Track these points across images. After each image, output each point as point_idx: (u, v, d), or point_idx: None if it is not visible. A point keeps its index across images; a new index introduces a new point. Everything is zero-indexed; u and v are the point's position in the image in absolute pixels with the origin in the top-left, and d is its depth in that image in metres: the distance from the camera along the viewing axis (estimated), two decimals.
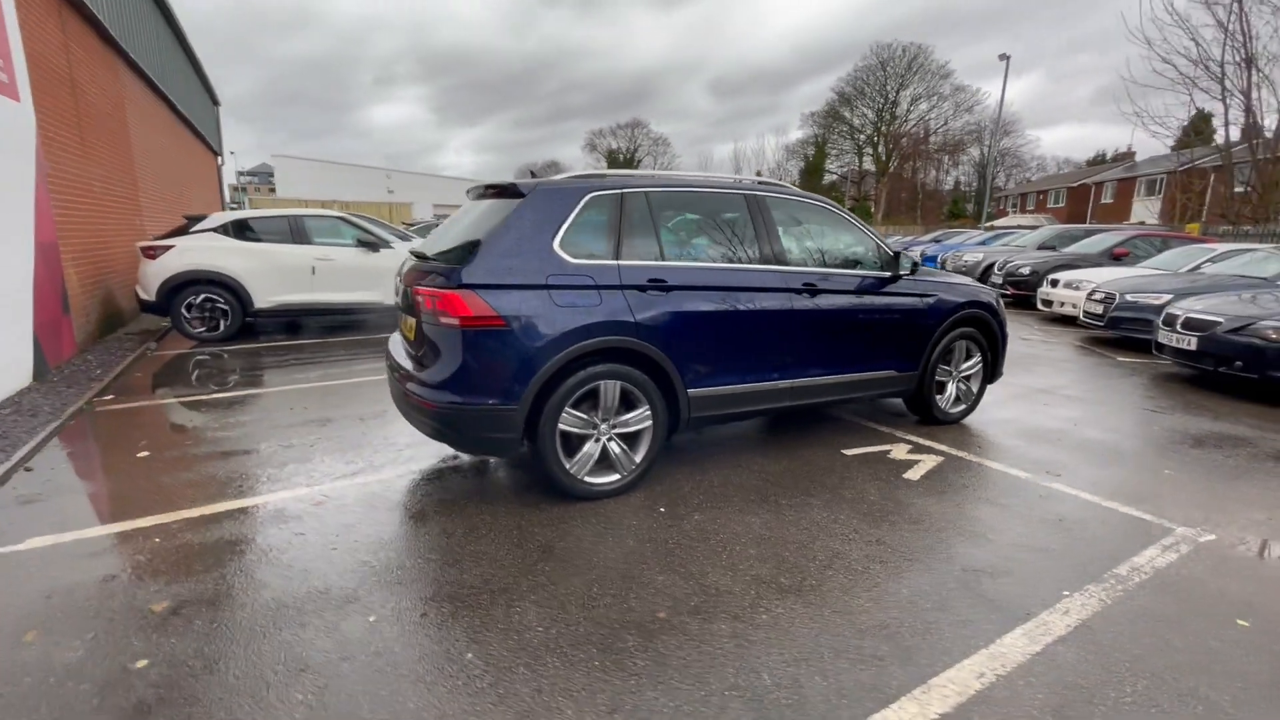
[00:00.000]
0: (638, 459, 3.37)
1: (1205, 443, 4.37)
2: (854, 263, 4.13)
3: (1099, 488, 3.54)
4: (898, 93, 50.15)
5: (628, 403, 3.31)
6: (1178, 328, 5.99)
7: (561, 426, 3.14)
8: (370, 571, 2.61)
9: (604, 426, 3.28)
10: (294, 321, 8.84)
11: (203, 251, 7.50)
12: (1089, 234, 13.31)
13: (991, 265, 13.77)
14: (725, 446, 4.15)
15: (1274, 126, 15.45)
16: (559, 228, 3.16)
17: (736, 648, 2.16)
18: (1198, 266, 9.33)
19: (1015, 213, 44.12)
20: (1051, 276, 10.74)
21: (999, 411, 5.01)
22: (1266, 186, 15.52)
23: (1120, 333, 7.94)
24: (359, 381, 5.80)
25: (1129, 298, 7.88)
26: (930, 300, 4.33)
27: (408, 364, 3.41)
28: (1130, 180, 35.10)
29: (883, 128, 51.14)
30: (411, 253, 3.73)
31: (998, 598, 2.47)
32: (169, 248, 7.43)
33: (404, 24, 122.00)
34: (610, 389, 3.23)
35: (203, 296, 7.51)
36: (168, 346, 7.45)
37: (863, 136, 52.96)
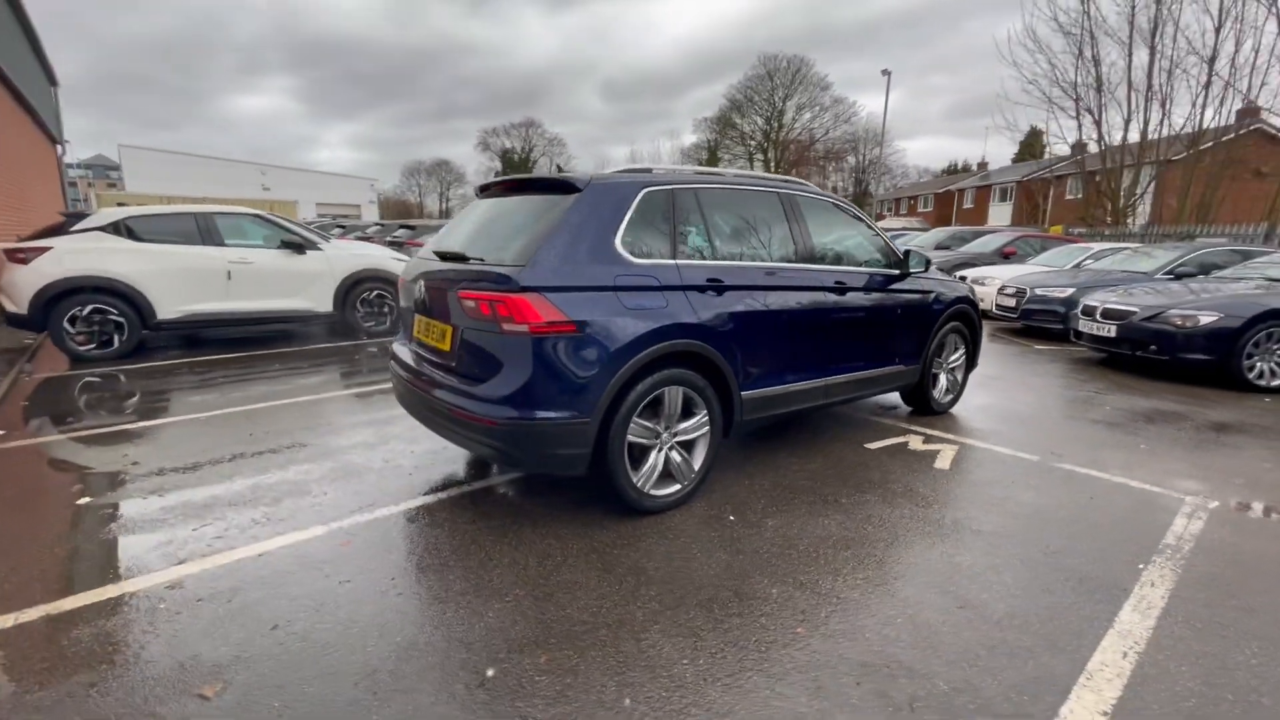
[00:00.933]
0: (696, 466, 3.22)
1: (1155, 419, 4.93)
2: (870, 261, 4.23)
3: (1102, 465, 3.86)
4: (784, 102, 53.05)
5: (687, 409, 3.16)
6: (1098, 317, 6.73)
7: (629, 437, 2.93)
8: (454, 615, 2.27)
9: (666, 435, 3.10)
10: (194, 336, 7.75)
11: (89, 254, 6.35)
12: (977, 235, 14.75)
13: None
14: (754, 449, 4.10)
15: (1120, 140, 17.87)
16: (619, 226, 2.95)
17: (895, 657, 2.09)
18: (1079, 263, 10.62)
19: (890, 216, 48.22)
20: (957, 274, 11.77)
21: (969, 399, 5.35)
22: (1115, 193, 17.95)
23: (1032, 323, 8.83)
24: (319, 398, 5.15)
25: (1038, 292, 8.79)
26: (931, 296, 4.54)
27: (438, 374, 3.04)
28: (986, 188, 39.53)
29: (772, 135, 53.88)
30: (435, 253, 3.33)
31: (1087, 576, 2.60)
32: (43, 250, 6.22)
33: (270, 7, 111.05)
34: (674, 395, 3.05)
35: (90, 308, 6.36)
36: (45, 367, 6.23)
37: (753, 143, 55.47)
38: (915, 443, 4.24)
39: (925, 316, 4.51)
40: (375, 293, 7.95)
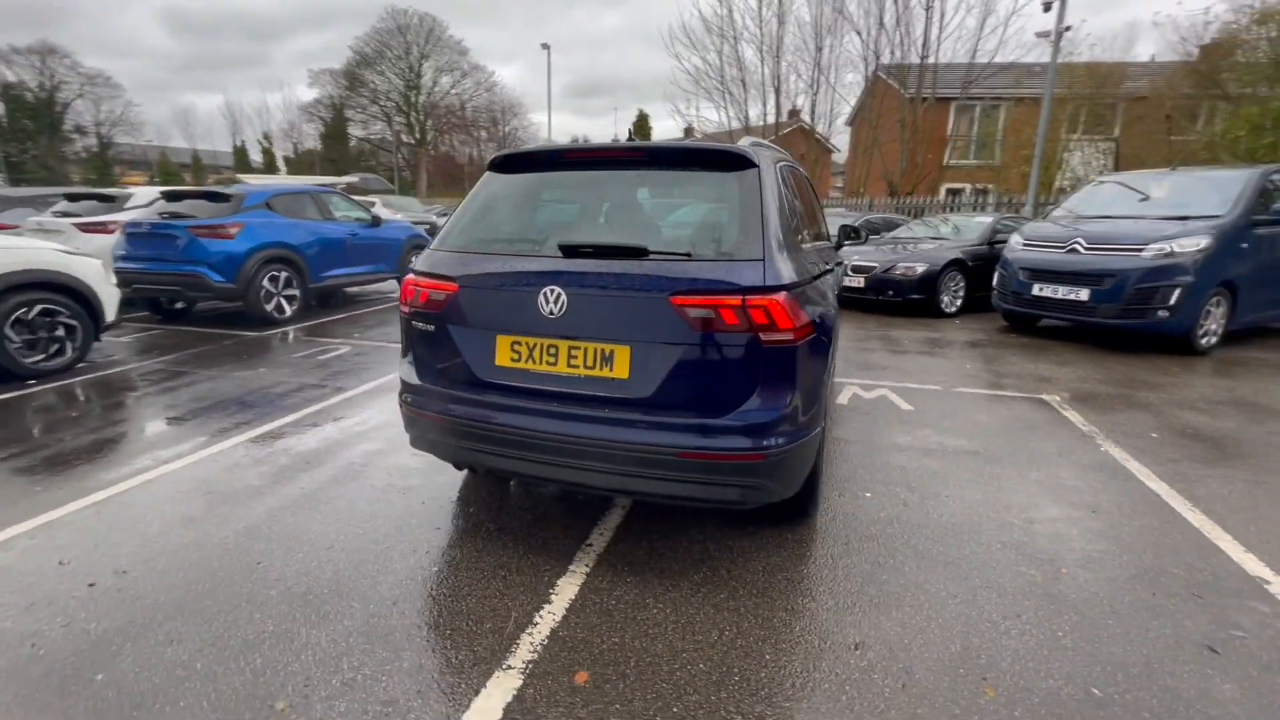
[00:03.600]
0: None
1: (975, 345, 6.68)
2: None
3: (1001, 383, 5.14)
4: (421, 62, 49.75)
5: None
6: (849, 271, 8.62)
7: None
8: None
9: None
10: None
11: None
12: None
13: None
14: None
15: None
16: (785, 208, 2.58)
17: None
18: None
19: None
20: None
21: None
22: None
23: None
24: None
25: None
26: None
27: (603, 411, 2.26)
28: None
29: (412, 97, 50.15)
30: (568, 246, 2.32)
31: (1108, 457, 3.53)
32: None
33: None
34: None
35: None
36: None
37: (390, 104, 50.82)
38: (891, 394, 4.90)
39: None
40: (38, 308, 4.95)
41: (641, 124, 66.94)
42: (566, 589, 2.37)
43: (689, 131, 43.33)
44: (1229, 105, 9.35)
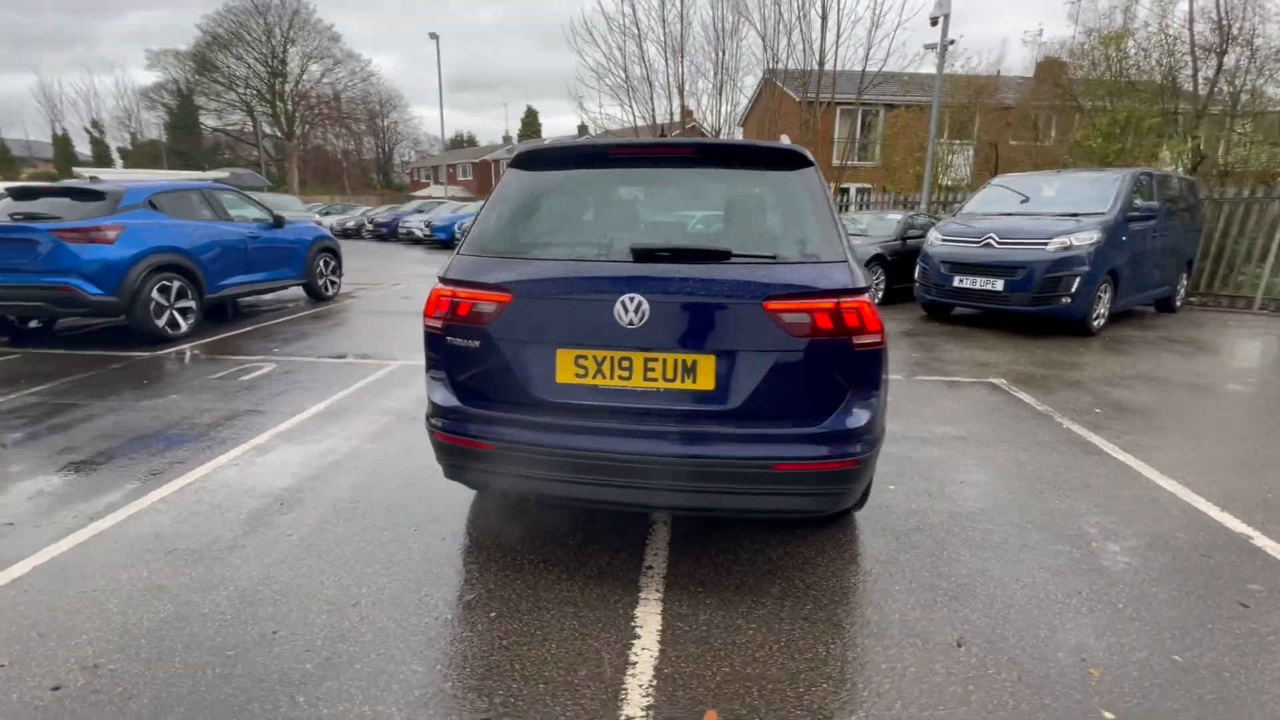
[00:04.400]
0: None
1: (909, 335, 7.03)
2: None
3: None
4: (286, 48, 45.46)
5: None
6: None
7: None
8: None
9: None
10: None
11: None
12: None
13: None
14: None
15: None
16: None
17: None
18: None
19: (431, 184, 48.25)
20: None
21: None
22: None
23: None
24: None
25: None
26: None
27: (686, 426, 2.12)
28: None
29: (277, 85, 45.69)
30: (641, 250, 2.13)
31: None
32: None
33: None
34: None
35: None
36: None
37: (251, 91, 46.01)
38: None
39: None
40: None
41: (531, 121, 65.86)
42: (649, 619, 2.20)
43: (582, 129, 43.10)
44: (1084, 116, 10.77)
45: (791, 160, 2.37)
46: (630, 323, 2.06)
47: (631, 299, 2.06)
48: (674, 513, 2.77)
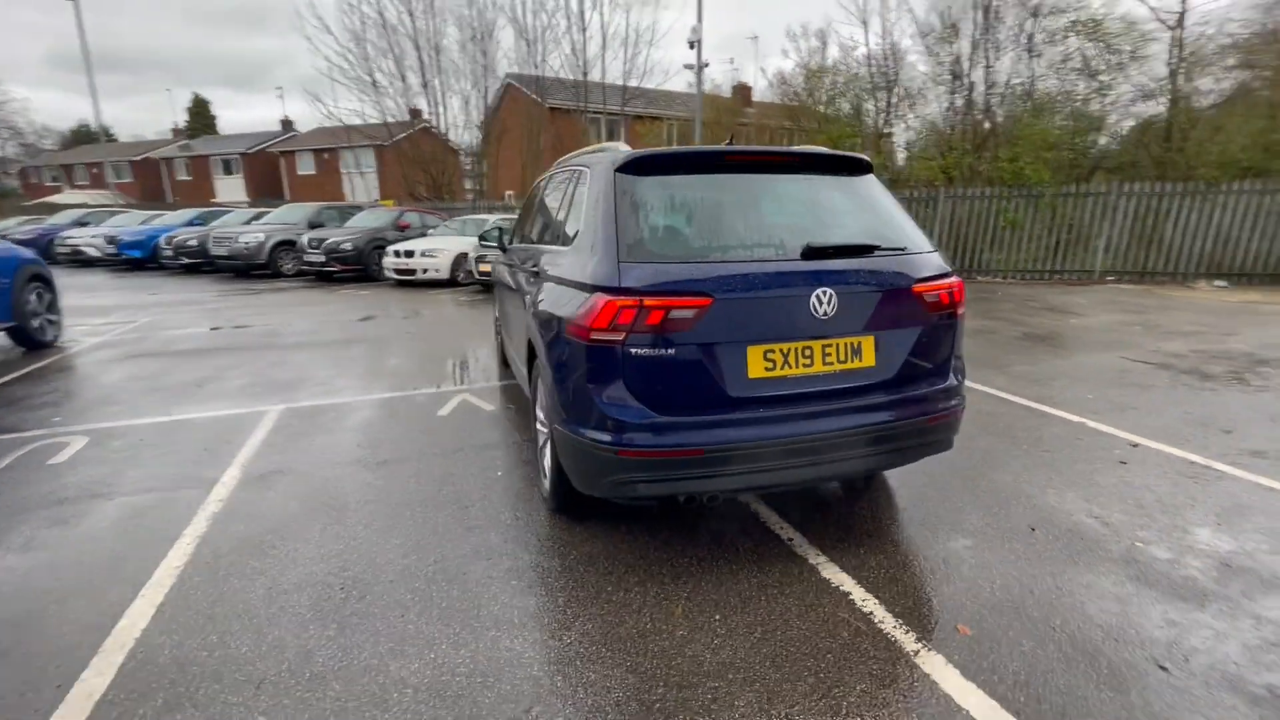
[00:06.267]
0: None
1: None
2: None
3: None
4: None
5: None
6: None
7: None
8: None
9: None
10: None
11: None
12: (356, 210, 14.95)
13: (287, 243, 13.51)
14: None
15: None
16: None
17: None
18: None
19: (67, 188, 36.79)
20: (396, 248, 12.09)
21: None
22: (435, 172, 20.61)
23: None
24: None
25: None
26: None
27: (856, 400, 2.43)
28: (205, 159, 36.02)
29: None
30: (813, 249, 2.30)
31: None
32: None
33: None
34: None
35: None
36: None
37: None
38: None
39: None
40: None
41: (201, 112, 54.68)
42: (840, 578, 2.44)
43: (287, 124, 37.57)
44: (806, 135, 13.49)
45: (862, 166, 2.80)
46: (825, 314, 2.28)
47: (825, 293, 2.27)
48: (845, 480, 3.05)
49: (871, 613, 2.23)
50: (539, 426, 3.09)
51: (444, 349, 6.53)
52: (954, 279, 2.59)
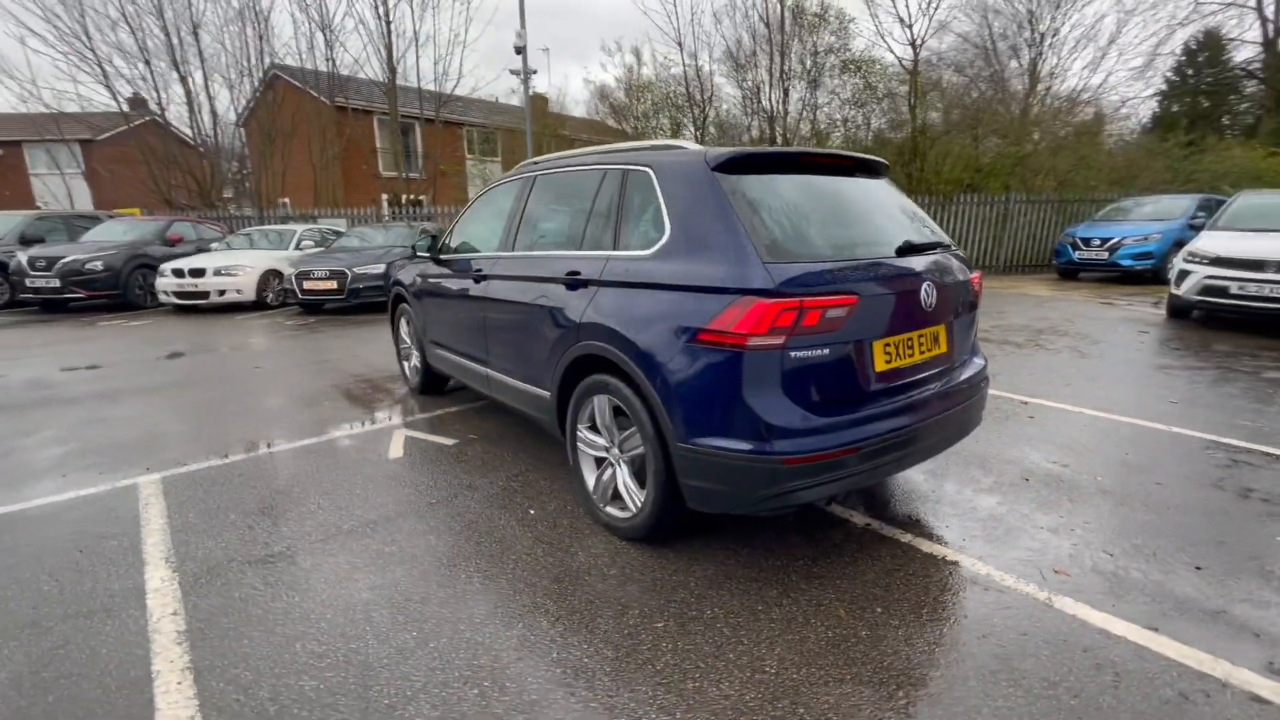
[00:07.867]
0: None
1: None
2: None
3: None
4: None
5: None
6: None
7: None
8: None
9: None
10: None
11: None
12: (92, 222, 11.77)
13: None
14: None
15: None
16: None
17: None
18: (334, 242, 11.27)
19: None
20: (177, 267, 9.83)
21: None
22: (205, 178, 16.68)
23: (360, 300, 9.41)
24: None
25: (358, 270, 9.40)
26: None
27: (940, 385, 2.67)
28: None
29: None
30: (906, 248, 2.40)
31: None
32: None
33: None
34: None
35: None
36: None
37: None
38: None
39: None
40: None
41: None
42: (941, 551, 2.62)
43: None
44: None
45: (886, 169, 3.05)
46: (929, 306, 2.43)
47: (930, 287, 2.43)
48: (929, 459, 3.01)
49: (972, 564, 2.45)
50: (586, 450, 2.81)
51: (321, 383, 5.46)
52: (978, 271, 2.97)
